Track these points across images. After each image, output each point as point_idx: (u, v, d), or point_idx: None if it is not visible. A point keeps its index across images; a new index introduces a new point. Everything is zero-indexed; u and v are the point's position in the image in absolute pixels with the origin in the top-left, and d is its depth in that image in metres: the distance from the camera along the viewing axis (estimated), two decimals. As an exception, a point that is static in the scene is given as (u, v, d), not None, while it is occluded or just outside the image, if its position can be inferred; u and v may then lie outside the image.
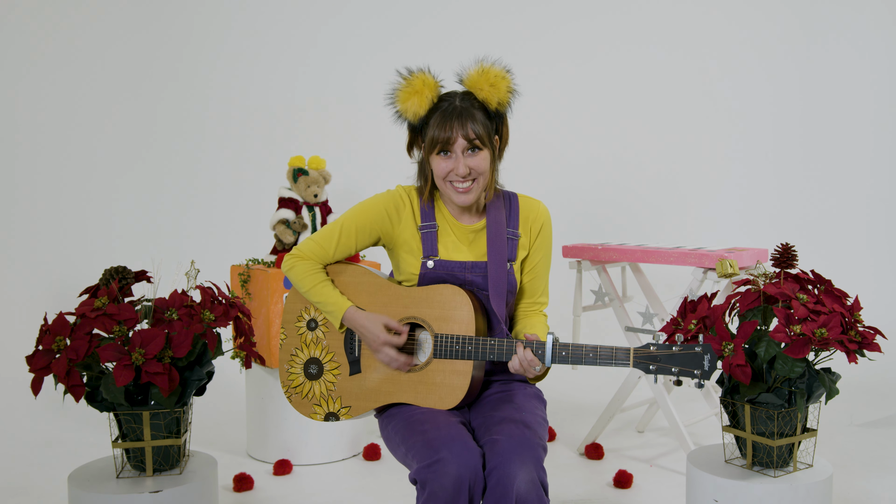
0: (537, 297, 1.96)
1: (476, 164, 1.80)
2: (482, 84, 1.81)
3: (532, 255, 1.93)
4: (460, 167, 1.78)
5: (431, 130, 1.80)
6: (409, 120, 1.85)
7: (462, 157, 1.79)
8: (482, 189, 1.85)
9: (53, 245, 4.18)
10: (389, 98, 1.86)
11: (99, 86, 4.30)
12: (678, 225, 4.55)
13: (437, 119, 1.79)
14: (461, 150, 1.79)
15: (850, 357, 1.82)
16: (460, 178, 1.80)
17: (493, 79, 1.81)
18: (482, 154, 1.80)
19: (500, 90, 1.82)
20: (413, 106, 1.81)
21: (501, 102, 1.83)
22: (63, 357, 1.81)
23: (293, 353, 1.95)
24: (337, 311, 1.86)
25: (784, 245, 1.99)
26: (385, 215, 1.88)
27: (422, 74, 1.83)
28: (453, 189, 1.82)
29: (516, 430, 1.66)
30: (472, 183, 1.81)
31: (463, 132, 1.77)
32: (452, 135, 1.77)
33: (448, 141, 1.78)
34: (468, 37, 4.49)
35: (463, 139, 1.78)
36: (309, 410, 1.93)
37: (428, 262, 1.85)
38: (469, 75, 1.83)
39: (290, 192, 3.13)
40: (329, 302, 1.86)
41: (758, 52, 4.58)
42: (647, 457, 3.09)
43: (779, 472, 1.91)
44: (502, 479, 1.59)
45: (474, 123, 1.78)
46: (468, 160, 1.79)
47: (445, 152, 1.80)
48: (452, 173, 1.80)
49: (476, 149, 1.80)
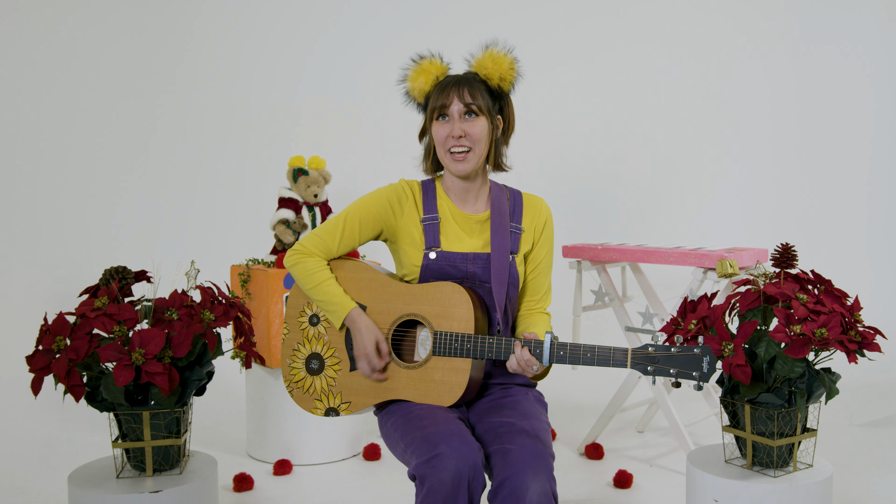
0: (541, 295, 1.96)
1: (471, 129, 1.83)
2: (485, 62, 1.88)
3: (535, 252, 1.93)
4: (455, 129, 1.82)
5: (433, 99, 1.87)
6: (416, 99, 1.91)
7: (458, 120, 1.83)
8: (479, 159, 1.86)
9: (54, 245, 4.18)
10: (401, 79, 1.93)
11: (99, 86, 4.30)
12: (678, 225, 4.55)
13: (438, 88, 1.86)
14: (458, 115, 1.83)
15: (850, 357, 1.82)
16: (456, 142, 1.83)
17: (496, 57, 1.87)
18: (479, 121, 1.84)
19: (502, 66, 1.87)
20: (420, 83, 1.89)
21: (504, 79, 1.88)
22: (63, 357, 1.81)
23: (295, 347, 1.96)
24: (341, 311, 1.86)
25: (784, 245, 1.99)
26: (388, 207, 1.89)
27: (431, 58, 1.90)
28: (451, 158, 1.85)
29: (529, 442, 1.66)
30: (469, 152, 1.84)
31: (459, 95, 1.83)
32: (449, 98, 1.83)
33: (445, 105, 1.83)
34: (468, 37, 4.48)
35: (459, 102, 1.83)
36: (310, 405, 1.94)
37: (430, 254, 1.86)
38: (475, 59, 1.90)
39: (290, 192, 3.13)
40: (333, 301, 1.87)
41: (758, 52, 4.58)
42: (647, 457, 3.09)
43: (779, 472, 1.91)
44: (515, 490, 1.59)
45: (472, 90, 1.84)
46: (464, 124, 1.83)
47: (443, 116, 1.85)
48: (450, 138, 1.83)
49: (473, 114, 1.84)
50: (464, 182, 1.90)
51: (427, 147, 1.94)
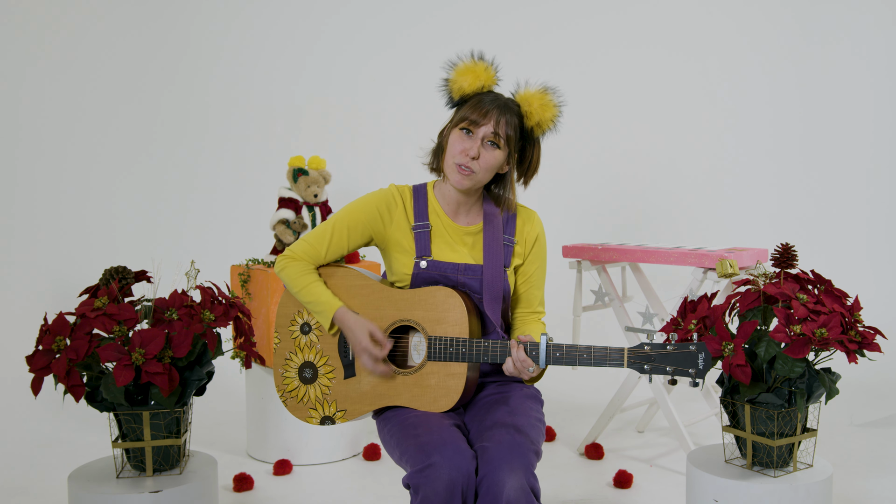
0: (534, 306, 1.96)
1: (486, 157, 1.81)
2: (533, 101, 1.84)
3: (527, 265, 1.93)
4: (473, 149, 1.79)
5: (466, 108, 1.82)
6: (452, 93, 1.86)
7: (480, 143, 1.80)
8: (479, 184, 1.85)
9: (53, 245, 4.18)
10: (447, 66, 1.88)
11: (99, 86, 4.30)
12: (678, 225, 4.55)
13: (476, 100, 1.82)
14: (482, 137, 1.80)
15: (850, 357, 1.82)
16: (467, 160, 1.80)
17: (545, 102, 1.84)
18: (497, 153, 1.82)
19: (545, 114, 1.85)
20: (464, 83, 1.84)
21: (541, 124, 1.85)
22: (63, 357, 1.81)
23: (287, 357, 1.95)
24: (328, 310, 1.85)
25: (784, 245, 1.99)
26: (377, 214, 1.88)
27: (488, 65, 1.86)
28: (457, 169, 1.82)
29: (507, 436, 1.65)
30: (473, 174, 1.82)
31: (494, 121, 1.79)
32: (483, 119, 1.79)
33: (476, 122, 1.79)
34: (469, 37, 4.49)
35: (490, 127, 1.79)
36: (304, 414, 1.93)
37: (421, 263, 1.85)
38: (526, 91, 1.86)
39: (290, 192, 3.13)
40: (320, 301, 1.86)
41: (758, 52, 4.58)
42: (647, 457, 3.09)
43: (779, 472, 1.91)
44: (492, 488, 1.58)
45: (507, 121, 1.80)
46: (483, 149, 1.81)
47: (468, 131, 1.81)
48: (464, 154, 1.80)
49: (494, 145, 1.81)
50: (459, 196, 1.89)
51: (439, 146, 1.91)
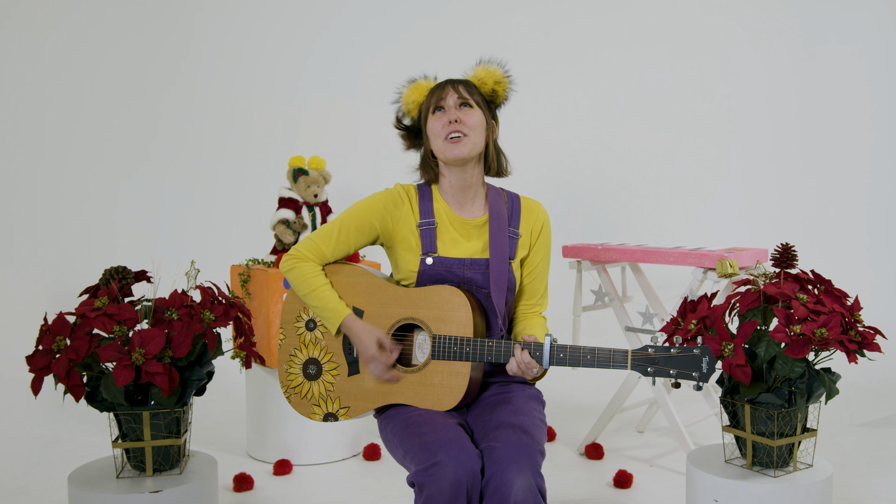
0: (537, 298, 1.96)
1: (467, 118, 1.85)
2: (479, 73, 1.93)
3: (532, 256, 1.93)
4: (451, 115, 1.84)
5: (427, 98, 1.90)
6: (410, 112, 1.94)
7: (454, 109, 1.85)
8: (476, 147, 1.86)
9: (54, 245, 4.18)
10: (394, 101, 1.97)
11: (100, 86, 4.30)
12: (678, 225, 4.55)
13: (432, 90, 1.91)
14: (454, 105, 1.85)
15: (850, 357, 1.82)
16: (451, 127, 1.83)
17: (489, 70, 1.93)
18: (474, 112, 1.86)
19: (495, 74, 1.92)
20: (414, 96, 1.93)
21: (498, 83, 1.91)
22: (63, 357, 1.81)
23: (292, 353, 1.95)
24: (336, 317, 1.86)
25: (784, 245, 1.99)
26: (384, 213, 1.89)
27: (425, 78, 1.96)
28: (448, 143, 1.84)
29: (514, 437, 1.65)
30: (465, 136, 1.84)
31: (454, 89, 1.86)
32: (444, 91, 1.86)
33: (441, 97, 1.86)
34: (469, 37, 4.49)
35: (454, 94, 1.86)
36: (308, 411, 1.93)
37: (427, 259, 1.86)
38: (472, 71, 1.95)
39: (290, 192, 3.13)
40: (328, 308, 1.86)
41: (758, 52, 4.58)
42: (647, 457, 3.09)
43: (779, 472, 1.91)
44: (500, 488, 1.58)
45: (467, 87, 1.88)
46: (459, 113, 1.85)
47: (439, 109, 1.87)
48: (446, 126, 1.84)
49: (468, 106, 1.86)
50: (461, 184, 1.89)
51: (423, 155, 1.95)
